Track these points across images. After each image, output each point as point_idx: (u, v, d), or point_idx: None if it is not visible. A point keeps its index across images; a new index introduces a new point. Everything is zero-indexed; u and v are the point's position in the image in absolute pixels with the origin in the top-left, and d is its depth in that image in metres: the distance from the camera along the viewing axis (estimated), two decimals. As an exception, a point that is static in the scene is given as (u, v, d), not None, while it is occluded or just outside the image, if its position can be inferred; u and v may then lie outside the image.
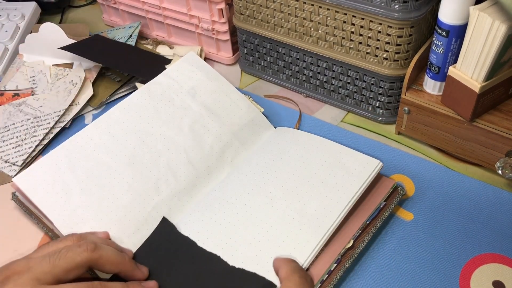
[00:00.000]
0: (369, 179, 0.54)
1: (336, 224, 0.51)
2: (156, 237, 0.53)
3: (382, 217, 0.53)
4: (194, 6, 0.74)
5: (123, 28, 0.80)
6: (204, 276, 0.48)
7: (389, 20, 0.57)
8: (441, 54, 0.56)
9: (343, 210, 0.51)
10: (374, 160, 0.56)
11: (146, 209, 0.54)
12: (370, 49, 0.61)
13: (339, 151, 0.58)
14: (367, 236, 0.52)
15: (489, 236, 0.53)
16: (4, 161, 0.64)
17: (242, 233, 0.51)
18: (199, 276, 0.49)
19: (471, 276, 0.50)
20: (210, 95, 0.64)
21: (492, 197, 0.57)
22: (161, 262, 0.50)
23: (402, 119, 0.62)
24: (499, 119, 0.56)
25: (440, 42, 0.55)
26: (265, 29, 0.68)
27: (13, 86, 0.73)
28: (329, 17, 0.61)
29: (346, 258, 0.50)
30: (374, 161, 0.56)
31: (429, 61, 0.58)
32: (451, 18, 0.53)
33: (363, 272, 0.51)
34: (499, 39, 0.48)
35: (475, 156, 0.59)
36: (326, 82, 0.68)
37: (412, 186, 0.58)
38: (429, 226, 0.54)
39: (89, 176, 0.55)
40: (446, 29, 0.53)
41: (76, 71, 0.73)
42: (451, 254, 0.52)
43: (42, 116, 0.68)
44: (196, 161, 0.58)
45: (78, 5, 0.94)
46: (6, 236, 0.57)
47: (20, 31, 0.81)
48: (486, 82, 0.53)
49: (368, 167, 0.55)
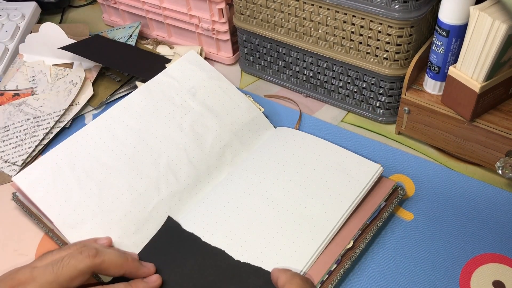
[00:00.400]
0: (369, 183, 0.54)
1: (336, 229, 0.51)
2: (161, 236, 0.53)
3: (382, 217, 0.53)
4: (194, 6, 0.74)
5: (123, 28, 0.80)
6: (210, 270, 0.49)
7: (389, 20, 0.57)
8: (441, 54, 0.56)
9: (344, 215, 0.52)
10: (374, 165, 0.56)
11: (146, 208, 0.54)
12: (370, 49, 0.61)
13: (339, 154, 0.58)
14: (367, 236, 0.52)
15: (489, 236, 0.53)
16: (4, 161, 0.64)
17: (245, 232, 0.51)
18: (204, 271, 0.49)
19: (471, 276, 0.50)
20: (211, 94, 0.63)
21: (492, 197, 0.57)
22: (167, 259, 0.50)
23: (402, 119, 0.62)
24: (499, 119, 0.56)
25: (440, 42, 0.55)
26: (265, 29, 0.68)
27: (13, 86, 0.73)
28: (329, 17, 0.61)
29: (346, 258, 0.50)
30: (374, 165, 0.56)
31: (429, 61, 0.58)
32: (451, 18, 0.53)
33: (363, 272, 0.51)
34: (499, 39, 0.48)
35: (475, 156, 0.59)
36: (326, 82, 0.68)
37: (412, 186, 0.58)
38: (429, 226, 0.54)
39: (89, 175, 0.55)
40: (446, 29, 0.53)
41: (76, 71, 0.73)
42: (451, 254, 0.52)
43: (42, 116, 0.68)
44: (196, 160, 0.58)
45: (78, 5, 0.94)
46: (6, 236, 0.57)
47: (20, 31, 0.81)
48: (486, 82, 0.53)
49: (369, 171, 0.55)
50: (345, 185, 0.54)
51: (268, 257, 0.49)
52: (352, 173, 0.55)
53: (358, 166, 0.56)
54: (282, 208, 0.53)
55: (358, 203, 0.53)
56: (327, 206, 0.53)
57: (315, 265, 0.49)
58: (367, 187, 0.54)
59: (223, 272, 0.48)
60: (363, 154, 0.58)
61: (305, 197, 0.54)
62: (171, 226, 0.53)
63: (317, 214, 0.52)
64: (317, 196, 0.54)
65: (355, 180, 0.54)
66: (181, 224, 0.53)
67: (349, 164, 0.56)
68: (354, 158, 0.57)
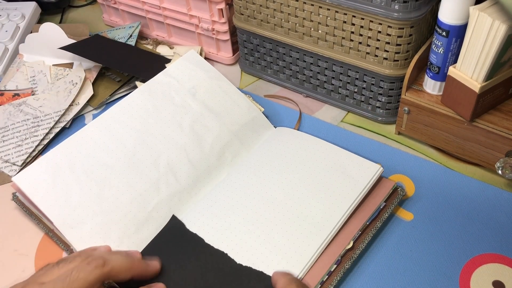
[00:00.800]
0: (369, 184, 0.54)
1: (336, 229, 0.51)
2: (165, 234, 0.53)
3: (382, 218, 0.53)
4: (194, 6, 0.74)
5: (123, 28, 0.80)
6: (212, 272, 0.49)
7: (389, 20, 0.57)
8: (441, 54, 0.56)
9: (343, 215, 0.52)
10: (374, 165, 0.56)
11: (146, 208, 0.54)
12: (370, 49, 0.61)
13: (339, 154, 0.58)
14: (367, 237, 0.52)
15: (489, 236, 0.53)
16: (4, 161, 0.64)
17: (245, 233, 0.51)
18: (206, 273, 0.49)
19: (471, 276, 0.50)
20: (211, 94, 0.63)
21: (492, 197, 0.57)
22: (169, 258, 0.50)
23: (402, 119, 0.62)
24: (499, 119, 0.56)
25: (440, 42, 0.55)
26: (265, 29, 0.68)
27: (13, 86, 0.73)
28: (329, 17, 0.61)
29: (346, 259, 0.50)
30: (374, 165, 0.56)
31: (429, 61, 0.58)
32: (451, 18, 0.53)
33: (363, 272, 0.51)
34: (499, 39, 0.48)
35: (475, 156, 0.59)
36: (326, 82, 0.68)
37: (412, 186, 0.58)
38: (429, 226, 0.54)
39: (89, 176, 0.55)
40: (446, 29, 0.53)
41: (76, 71, 0.73)
42: (451, 254, 0.52)
43: (42, 116, 0.68)
44: (196, 160, 0.58)
45: (78, 5, 0.94)
46: (6, 236, 0.57)
47: (20, 31, 0.81)
48: (486, 82, 0.53)
49: (369, 171, 0.55)
50: (345, 185, 0.54)
51: (269, 258, 0.49)
52: (352, 173, 0.55)
53: (358, 166, 0.56)
54: (281, 209, 0.53)
55: (358, 203, 0.53)
56: (327, 206, 0.53)
57: (315, 266, 0.49)
58: (367, 187, 0.54)
59: (224, 275, 0.48)
60: (363, 154, 0.58)
61: (305, 197, 0.54)
62: (175, 225, 0.53)
63: (317, 214, 0.52)
64: (317, 196, 0.54)
65: (355, 181, 0.54)
66: (185, 224, 0.53)
67: (349, 165, 0.56)
68: (354, 159, 0.57)
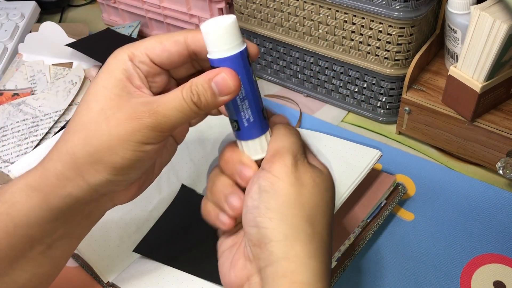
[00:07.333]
0: (368, 167, 0.53)
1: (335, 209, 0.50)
2: (177, 202, 0.54)
3: (382, 215, 0.53)
4: (194, 5, 0.74)
5: (122, 28, 0.80)
6: None
7: (390, 20, 0.56)
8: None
9: (342, 197, 0.50)
10: (373, 150, 0.55)
11: (147, 208, 0.54)
12: (370, 49, 0.60)
13: (337, 143, 0.57)
14: (367, 234, 0.52)
15: (490, 236, 0.53)
16: (4, 161, 0.64)
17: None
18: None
19: (472, 277, 0.50)
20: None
21: (493, 197, 0.57)
22: (185, 223, 0.51)
23: (403, 119, 0.62)
24: (500, 119, 0.56)
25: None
26: (265, 28, 0.68)
27: (12, 86, 0.73)
28: (329, 17, 0.61)
29: (346, 256, 0.50)
30: (373, 151, 0.55)
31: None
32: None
33: (363, 272, 0.51)
34: (500, 39, 0.48)
35: (476, 156, 0.59)
36: (327, 82, 0.68)
37: (413, 186, 0.58)
38: (429, 226, 0.54)
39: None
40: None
41: (75, 71, 0.73)
42: (452, 255, 0.52)
43: (41, 116, 0.68)
44: (198, 159, 0.58)
45: (77, 4, 0.94)
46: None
47: (20, 31, 0.81)
48: (487, 82, 0.53)
49: (367, 156, 0.54)
50: (342, 171, 0.53)
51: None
52: (350, 159, 0.54)
53: (356, 153, 0.55)
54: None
55: (357, 185, 0.51)
56: None
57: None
58: (366, 170, 0.53)
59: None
60: (363, 154, 0.58)
61: None
62: (186, 193, 0.55)
63: None
64: None
65: (353, 166, 0.54)
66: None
67: (347, 152, 0.55)
68: (352, 146, 0.56)
